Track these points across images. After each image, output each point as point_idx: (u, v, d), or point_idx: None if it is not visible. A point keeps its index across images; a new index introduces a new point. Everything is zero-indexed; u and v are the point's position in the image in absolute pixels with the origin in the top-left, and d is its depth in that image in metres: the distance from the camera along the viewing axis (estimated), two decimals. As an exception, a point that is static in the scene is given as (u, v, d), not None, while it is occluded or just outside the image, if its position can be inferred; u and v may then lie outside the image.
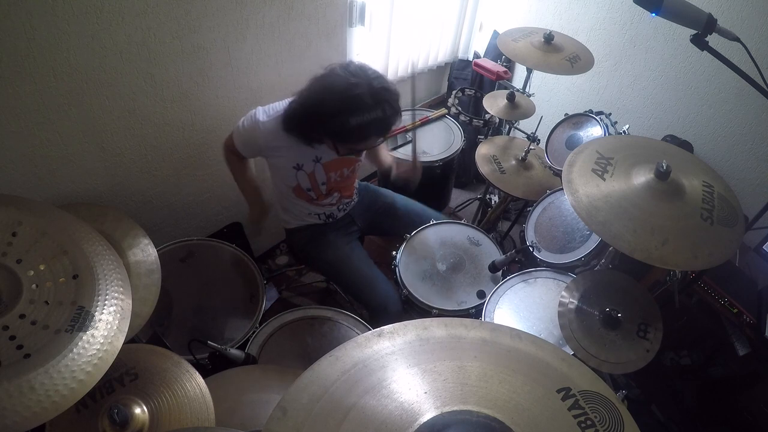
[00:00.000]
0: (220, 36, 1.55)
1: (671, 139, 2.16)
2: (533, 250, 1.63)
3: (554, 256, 1.62)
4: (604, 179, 1.20)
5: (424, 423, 0.62)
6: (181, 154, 1.70)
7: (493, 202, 2.41)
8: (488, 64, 2.39)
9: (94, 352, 0.84)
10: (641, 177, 1.18)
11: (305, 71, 1.70)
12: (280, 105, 1.44)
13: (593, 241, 1.56)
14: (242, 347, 1.40)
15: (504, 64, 2.48)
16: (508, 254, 1.60)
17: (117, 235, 1.34)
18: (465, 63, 2.74)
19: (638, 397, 1.83)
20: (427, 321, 0.74)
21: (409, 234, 1.69)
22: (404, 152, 2.10)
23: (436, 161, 2.07)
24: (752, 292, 1.69)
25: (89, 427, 0.97)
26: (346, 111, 1.25)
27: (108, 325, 0.88)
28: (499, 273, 1.60)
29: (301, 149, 1.46)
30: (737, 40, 1.28)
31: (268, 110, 1.44)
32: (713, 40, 1.25)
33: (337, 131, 1.31)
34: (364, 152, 1.63)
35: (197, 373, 1.08)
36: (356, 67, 1.31)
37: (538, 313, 1.47)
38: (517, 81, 2.66)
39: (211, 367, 1.30)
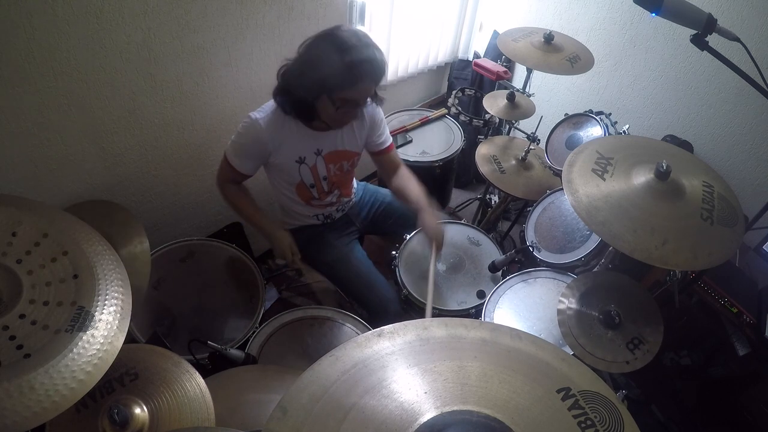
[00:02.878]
0: (220, 36, 1.55)
1: (671, 139, 2.16)
2: (533, 250, 1.63)
3: (554, 256, 1.62)
4: (604, 179, 1.20)
5: (424, 423, 0.62)
6: (182, 154, 1.70)
7: (493, 202, 2.41)
8: (488, 64, 2.39)
9: (94, 352, 0.84)
10: (641, 177, 1.18)
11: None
12: (269, 103, 1.45)
13: (593, 241, 1.56)
14: (242, 347, 1.40)
15: (504, 64, 2.48)
16: (508, 254, 1.60)
17: (113, 228, 1.34)
18: (465, 63, 2.74)
19: (638, 397, 1.83)
20: (427, 321, 0.74)
21: (409, 234, 1.69)
22: (402, 152, 2.10)
23: (436, 161, 2.07)
24: (752, 292, 1.69)
25: (89, 427, 0.97)
26: (336, 50, 1.27)
27: (108, 325, 0.88)
28: (499, 273, 1.60)
29: (302, 140, 1.46)
30: (737, 40, 1.28)
31: (261, 109, 1.44)
32: (713, 40, 1.25)
33: (330, 74, 1.28)
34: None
35: (197, 373, 1.08)
36: (347, 28, 1.35)
37: (538, 313, 1.47)
38: (517, 81, 2.66)
39: (211, 367, 1.30)
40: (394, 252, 1.65)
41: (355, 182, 1.80)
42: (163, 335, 1.43)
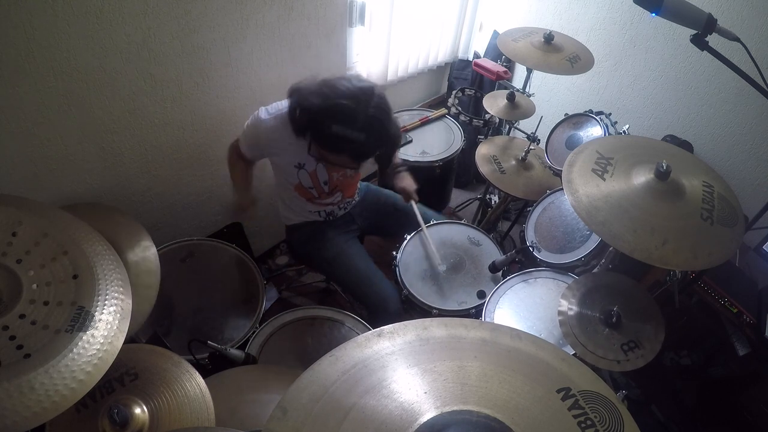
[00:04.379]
0: (220, 36, 1.55)
1: (671, 139, 2.16)
2: (533, 250, 1.63)
3: (554, 256, 1.62)
4: (604, 179, 1.20)
5: (424, 423, 0.62)
6: (181, 154, 1.70)
7: (493, 202, 2.41)
8: (488, 64, 2.39)
9: (94, 352, 0.84)
10: (641, 177, 1.18)
11: (305, 71, 1.70)
12: (282, 103, 1.44)
13: (593, 241, 1.56)
14: (242, 347, 1.40)
15: (504, 64, 2.48)
16: (508, 254, 1.60)
17: (117, 234, 1.34)
18: (465, 63, 2.74)
19: (638, 397, 1.83)
20: (427, 321, 0.74)
21: (409, 234, 1.69)
22: (402, 152, 2.10)
23: (436, 161, 2.07)
24: (752, 292, 1.69)
25: (89, 427, 0.97)
26: (333, 115, 1.24)
27: (108, 325, 0.88)
28: (499, 273, 1.60)
29: (302, 148, 1.46)
30: (737, 40, 1.28)
31: (270, 109, 1.46)
32: (713, 40, 1.25)
33: (316, 129, 1.30)
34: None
35: (197, 373, 1.08)
36: (369, 89, 1.30)
37: (538, 313, 1.47)
38: (517, 81, 2.66)
39: (211, 367, 1.30)
40: (394, 252, 1.65)
41: (358, 183, 1.80)
42: (163, 335, 1.43)
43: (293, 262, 2.23)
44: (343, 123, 1.23)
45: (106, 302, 0.90)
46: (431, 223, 1.73)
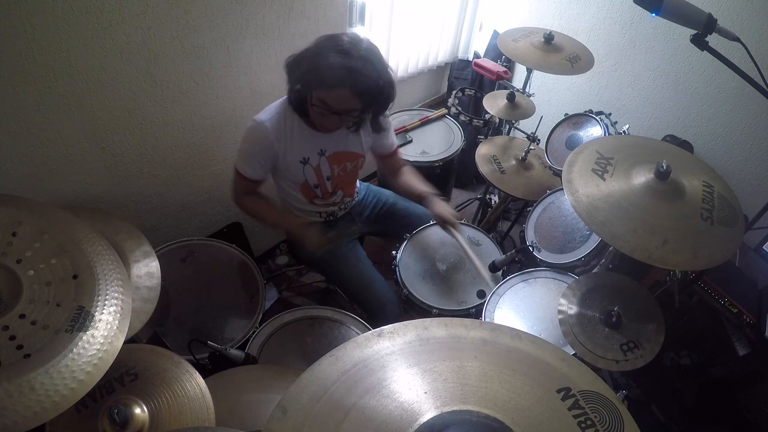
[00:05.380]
0: (220, 36, 1.55)
1: (671, 139, 2.16)
2: (533, 250, 1.63)
3: (554, 256, 1.62)
4: (604, 179, 1.20)
5: (424, 423, 0.62)
6: (181, 154, 1.70)
7: (493, 202, 2.41)
8: (488, 64, 2.39)
9: (94, 352, 0.84)
10: (641, 177, 1.18)
11: (305, 71, 1.69)
12: (273, 103, 1.45)
13: (593, 241, 1.56)
14: (242, 347, 1.40)
15: (504, 64, 2.48)
16: (508, 254, 1.60)
17: (119, 240, 1.34)
18: (465, 63, 2.74)
19: (638, 397, 1.83)
20: (427, 321, 0.74)
21: (409, 234, 1.69)
22: (402, 152, 2.10)
23: (436, 161, 2.07)
24: (752, 292, 1.69)
25: (89, 427, 0.97)
26: (326, 50, 1.28)
27: (108, 325, 0.88)
28: (500, 273, 1.60)
29: (305, 140, 1.46)
30: (737, 40, 1.28)
31: (263, 112, 1.44)
32: (713, 40, 1.25)
33: (311, 70, 1.30)
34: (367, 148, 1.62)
35: (197, 373, 1.08)
36: (356, 34, 1.35)
37: (538, 313, 1.47)
38: (517, 81, 2.66)
39: (211, 367, 1.30)
40: (394, 252, 1.65)
41: (358, 182, 1.80)
42: (163, 335, 1.44)
43: (293, 262, 2.23)
44: (341, 53, 1.27)
45: (106, 302, 0.90)
46: (431, 223, 1.73)
